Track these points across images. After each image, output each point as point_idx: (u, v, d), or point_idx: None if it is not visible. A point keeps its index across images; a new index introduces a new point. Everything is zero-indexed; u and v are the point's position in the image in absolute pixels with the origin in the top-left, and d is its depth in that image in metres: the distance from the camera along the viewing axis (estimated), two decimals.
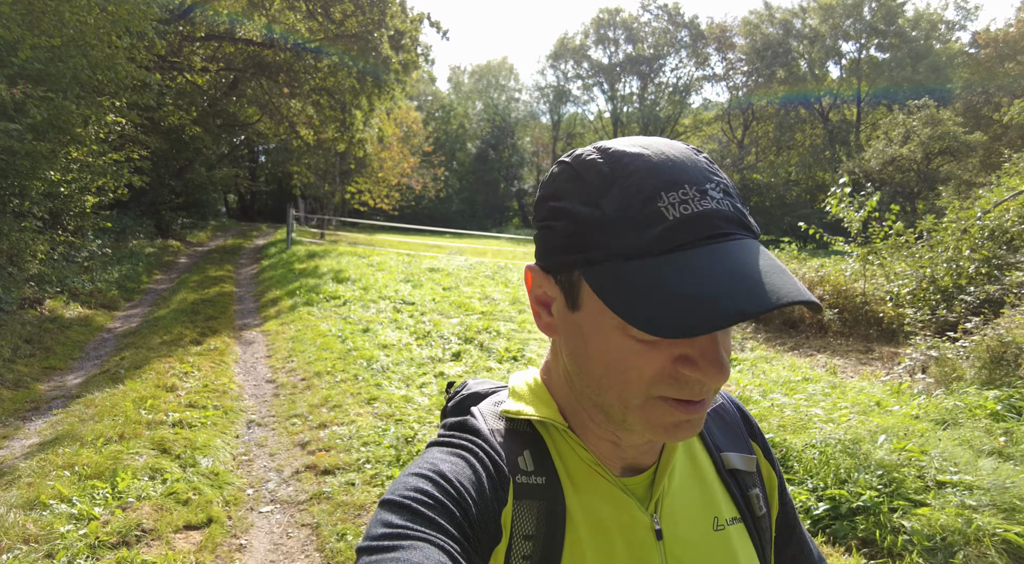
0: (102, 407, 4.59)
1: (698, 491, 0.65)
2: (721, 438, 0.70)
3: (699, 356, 0.50)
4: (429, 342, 6.59)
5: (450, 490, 0.53)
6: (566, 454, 0.61)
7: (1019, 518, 3.07)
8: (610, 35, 40.47)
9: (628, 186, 0.50)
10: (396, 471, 3.69)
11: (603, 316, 0.52)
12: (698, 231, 0.48)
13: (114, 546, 2.83)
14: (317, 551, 2.98)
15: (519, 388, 0.65)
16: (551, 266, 0.56)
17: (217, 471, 3.69)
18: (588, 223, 0.51)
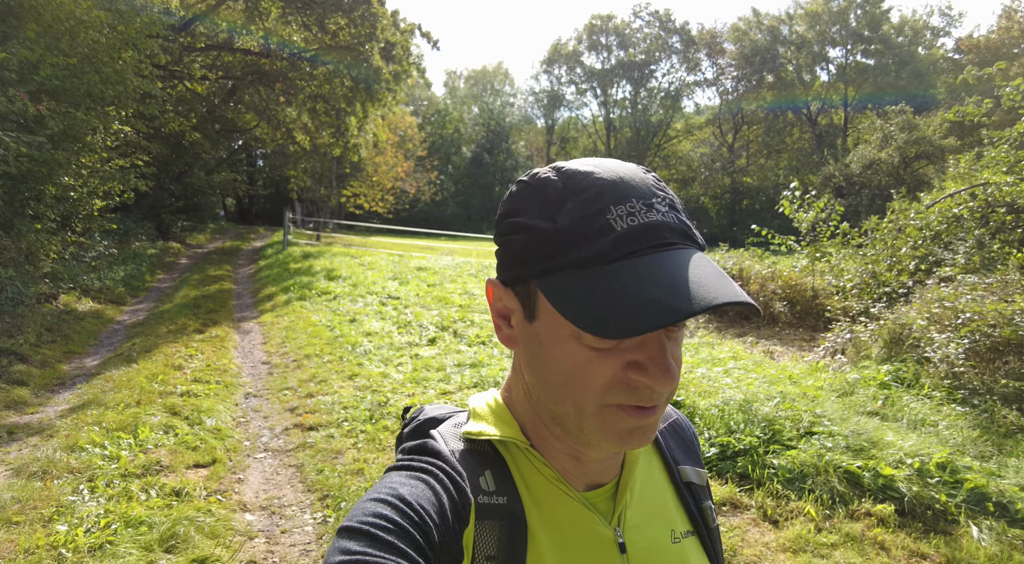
0: (120, 382, 5.35)
1: (657, 503, 0.67)
2: (678, 452, 0.73)
3: (648, 362, 0.52)
4: (409, 330, 7.36)
5: (410, 514, 0.53)
6: (528, 472, 0.62)
7: (862, 455, 3.85)
8: (603, 41, 41.39)
9: (581, 201, 0.53)
10: (369, 427, 4.47)
11: (558, 325, 0.54)
12: (644, 240, 0.52)
13: (139, 475, 3.59)
14: (300, 482, 3.74)
15: (480, 409, 0.66)
16: (510, 279, 0.58)
17: (219, 428, 4.46)
18: (544, 236, 0.54)
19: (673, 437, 0.74)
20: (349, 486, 3.58)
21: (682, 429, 0.76)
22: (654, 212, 0.53)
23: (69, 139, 8.34)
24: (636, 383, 0.53)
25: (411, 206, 38.88)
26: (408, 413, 0.73)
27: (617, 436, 0.55)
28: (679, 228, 0.54)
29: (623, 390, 0.53)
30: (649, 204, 0.54)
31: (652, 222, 0.53)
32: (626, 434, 0.55)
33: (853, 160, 24.41)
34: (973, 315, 4.85)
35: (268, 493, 3.61)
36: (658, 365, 0.52)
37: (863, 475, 3.69)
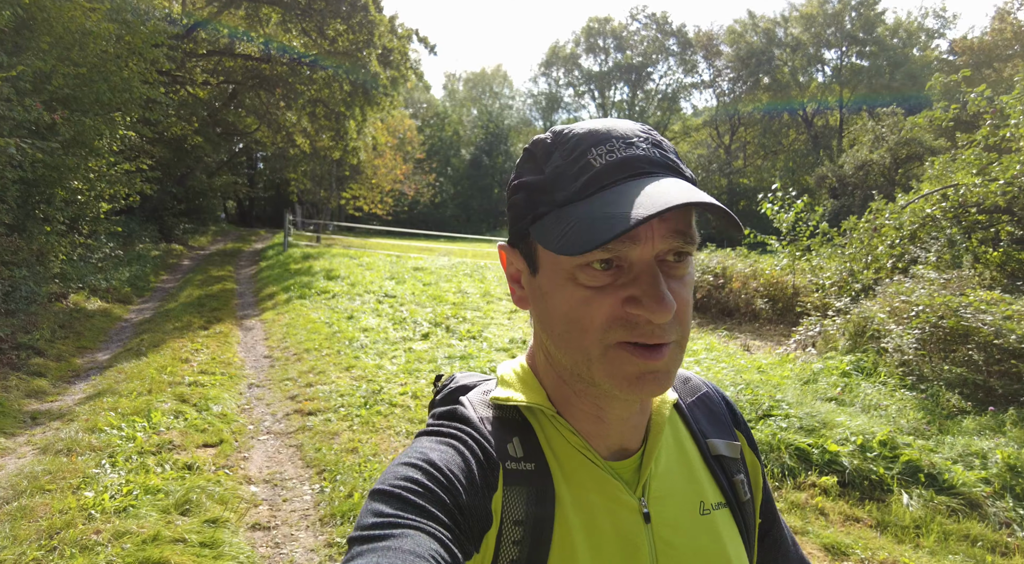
0: (131, 373, 5.74)
1: (685, 475, 0.67)
2: (707, 425, 0.72)
3: (642, 294, 0.53)
4: (403, 326, 7.75)
5: (439, 478, 0.54)
6: (555, 440, 0.62)
7: (814, 434, 4.24)
8: (600, 43, 41.84)
9: (565, 149, 0.57)
10: (364, 412, 4.85)
11: (556, 270, 0.57)
12: (622, 172, 0.54)
13: (154, 453, 3.98)
14: (300, 459, 4.13)
15: (507, 376, 0.67)
16: (514, 237, 0.62)
17: (225, 413, 4.85)
18: (535, 187, 0.58)
19: (701, 409, 0.74)
20: (344, 462, 3.96)
21: (711, 401, 0.76)
22: (634, 148, 0.55)
23: (78, 144, 8.74)
24: (633, 317, 0.53)
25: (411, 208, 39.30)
26: (440, 380, 0.74)
27: (627, 380, 0.54)
28: (660, 160, 0.55)
29: (622, 326, 0.54)
30: (629, 142, 0.55)
31: (630, 156, 0.54)
32: (635, 378, 0.54)
33: (846, 162, 24.80)
34: (925, 308, 5.23)
35: (271, 469, 4.00)
36: (651, 296, 0.52)
37: (812, 451, 4.08)
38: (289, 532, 3.24)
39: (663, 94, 41.28)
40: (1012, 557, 3.28)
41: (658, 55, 41.11)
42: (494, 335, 7.30)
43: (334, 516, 3.35)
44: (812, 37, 35.42)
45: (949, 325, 4.92)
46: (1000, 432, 4.24)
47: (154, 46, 9.46)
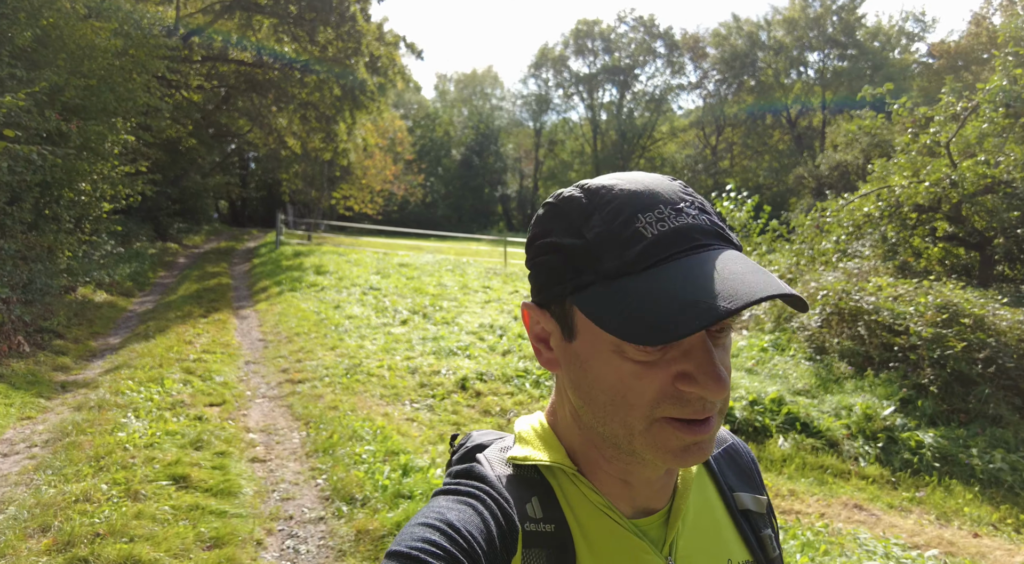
0: (142, 352, 6.62)
1: (711, 532, 0.65)
2: (734, 479, 0.71)
3: (696, 371, 0.51)
4: (385, 314, 8.65)
5: (458, 540, 0.53)
6: (575, 499, 0.61)
7: None
8: (588, 45, 42.82)
9: (607, 212, 0.54)
10: (345, 380, 5.75)
11: (598, 341, 0.54)
12: (677, 244, 0.52)
13: (169, 409, 4.86)
14: (290, 415, 5.03)
15: (525, 433, 0.66)
16: (545, 300, 0.59)
17: (227, 382, 5.74)
18: (574, 252, 0.54)
19: (728, 462, 0.73)
20: (327, 415, 4.86)
21: (738, 454, 0.75)
22: (684, 216, 0.53)
23: (87, 149, 9.59)
24: (686, 394, 0.52)
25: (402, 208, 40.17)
26: (456, 440, 0.73)
27: (672, 454, 0.53)
28: (711, 230, 0.54)
29: (672, 403, 0.52)
30: (678, 209, 0.54)
31: (682, 225, 0.53)
32: (681, 451, 0.53)
33: (822, 162, 25.84)
34: (828, 292, 6.17)
35: (266, 422, 4.89)
36: (707, 373, 0.51)
37: None
38: (281, 463, 4.14)
39: (650, 96, 42.31)
40: (849, 479, 4.22)
41: (645, 57, 42.13)
42: (466, 321, 8.20)
43: (317, 451, 4.24)
44: (794, 40, 36.51)
45: (841, 305, 5.86)
46: (868, 391, 5.18)
47: (157, 58, 10.32)
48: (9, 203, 7.92)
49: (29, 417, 4.72)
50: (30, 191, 7.85)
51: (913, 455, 4.45)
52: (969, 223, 9.45)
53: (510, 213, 48.99)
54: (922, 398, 5.00)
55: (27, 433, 4.40)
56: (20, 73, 7.76)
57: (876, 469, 4.43)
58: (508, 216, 48.62)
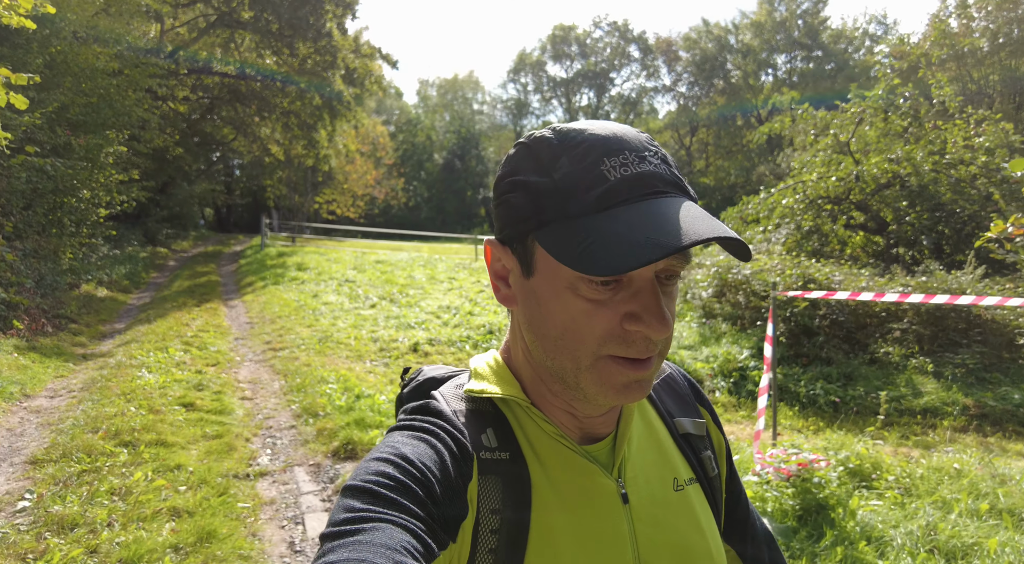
0: (146, 332, 7.88)
1: (656, 455, 0.70)
2: (672, 405, 0.76)
3: (643, 311, 0.54)
4: (357, 301, 9.95)
5: (412, 470, 0.55)
6: (529, 429, 0.64)
7: None
8: (565, 50, 44.37)
9: (575, 155, 0.56)
10: (317, 346, 7.05)
11: (555, 278, 0.57)
12: (637, 189, 0.54)
13: (175, 367, 6.14)
14: (272, 371, 6.32)
15: (481, 369, 0.69)
16: (508, 237, 0.61)
17: (220, 351, 7.02)
18: (540, 190, 0.56)
19: (666, 391, 0.77)
20: (300, 370, 6.15)
21: (675, 382, 0.79)
22: (646, 164, 0.56)
23: (87, 160, 10.83)
24: (632, 334, 0.55)
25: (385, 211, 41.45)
26: (407, 374, 0.76)
27: (614, 389, 0.56)
28: (671, 179, 0.57)
29: (619, 342, 0.55)
30: (642, 156, 0.56)
31: (644, 172, 0.55)
32: (623, 387, 0.56)
33: (782, 161, 27.44)
34: (717, 268, 7.56)
35: (252, 376, 6.19)
36: (653, 313, 0.54)
37: None
38: (264, 399, 5.44)
39: (626, 98, 43.90)
40: None
41: (620, 61, 43.74)
42: (427, 304, 9.53)
43: (291, 391, 5.55)
44: (762, 43, 38.24)
45: (725, 278, 7.25)
46: (735, 343, 6.56)
47: (149, 77, 11.58)
48: (24, 209, 9.15)
49: (62, 375, 6.00)
50: (43, 198, 9.10)
51: (756, 387, 5.83)
52: (874, 213, 10.90)
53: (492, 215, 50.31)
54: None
55: (64, 384, 5.68)
56: (32, 94, 9.00)
57: (727, 397, 5.79)
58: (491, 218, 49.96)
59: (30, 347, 6.70)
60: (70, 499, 3.22)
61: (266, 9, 16.11)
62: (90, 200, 12.23)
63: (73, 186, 10.47)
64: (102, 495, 3.28)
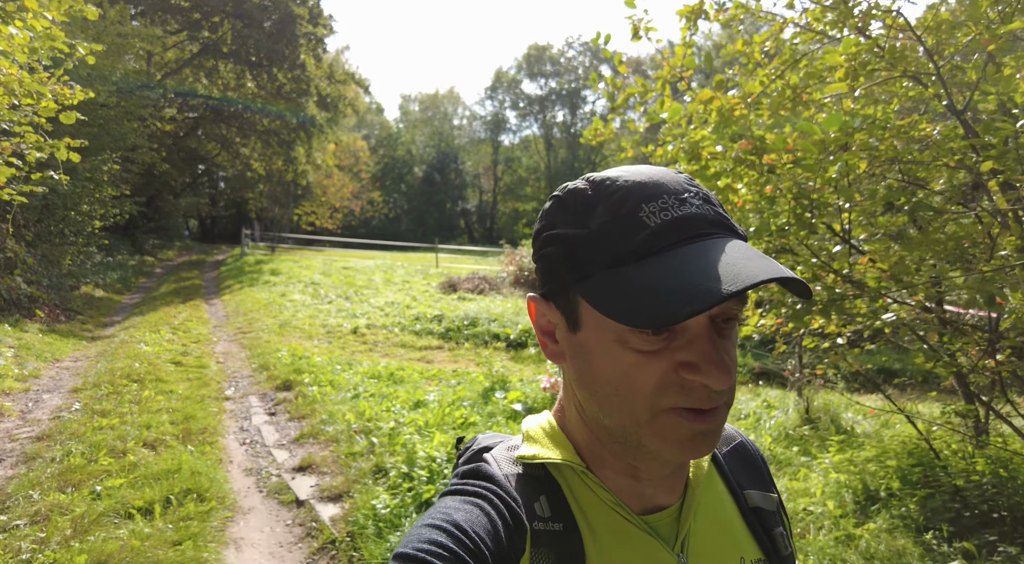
0: (141, 322, 9.88)
1: (723, 530, 0.66)
2: (743, 476, 0.73)
3: (700, 360, 0.52)
4: (318, 298, 12.00)
5: (465, 541, 0.53)
6: (584, 497, 0.62)
7: (504, 327, 8.62)
8: (539, 69, 46.88)
9: (611, 203, 0.55)
10: (277, 329, 9.08)
11: (602, 331, 0.55)
12: (680, 233, 0.53)
13: (166, 343, 8.17)
14: (241, 347, 8.36)
15: (533, 431, 0.67)
16: (550, 291, 0.60)
17: (201, 333, 9.05)
18: (578, 242, 0.56)
19: (737, 460, 0.74)
20: (263, 347, 8.17)
21: (747, 452, 0.76)
22: (688, 206, 0.54)
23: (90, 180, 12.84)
24: (689, 383, 0.53)
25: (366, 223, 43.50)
26: (462, 443, 0.74)
27: (678, 444, 0.54)
28: (715, 219, 0.55)
29: (677, 392, 0.53)
30: (682, 199, 0.55)
31: (686, 215, 0.54)
32: (687, 441, 0.54)
33: None
34: None
35: (226, 350, 8.22)
36: (710, 361, 0.52)
37: (501, 332, 8.47)
38: (233, 363, 7.48)
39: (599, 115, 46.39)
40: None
41: None
42: (375, 301, 11.60)
43: (254, 357, 7.58)
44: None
45: None
46: None
47: (142, 108, 13.65)
48: (37, 222, 11.15)
49: (80, 348, 8.01)
50: (53, 213, 11.11)
51: None
52: None
53: (472, 227, 52.55)
54: None
55: (83, 353, 7.69)
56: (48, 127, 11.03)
57: None
58: (470, 230, 52.18)
59: (50, 330, 8.69)
60: (104, 404, 5.25)
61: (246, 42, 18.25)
62: (87, 213, 14.24)
63: (76, 202, 12.47)
64: (124, 402, 5.32)
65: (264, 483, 4.02)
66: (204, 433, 4.73)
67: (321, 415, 5.11)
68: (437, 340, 8.75)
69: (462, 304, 11.18)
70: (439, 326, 9.26)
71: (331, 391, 5.80)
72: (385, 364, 7.15)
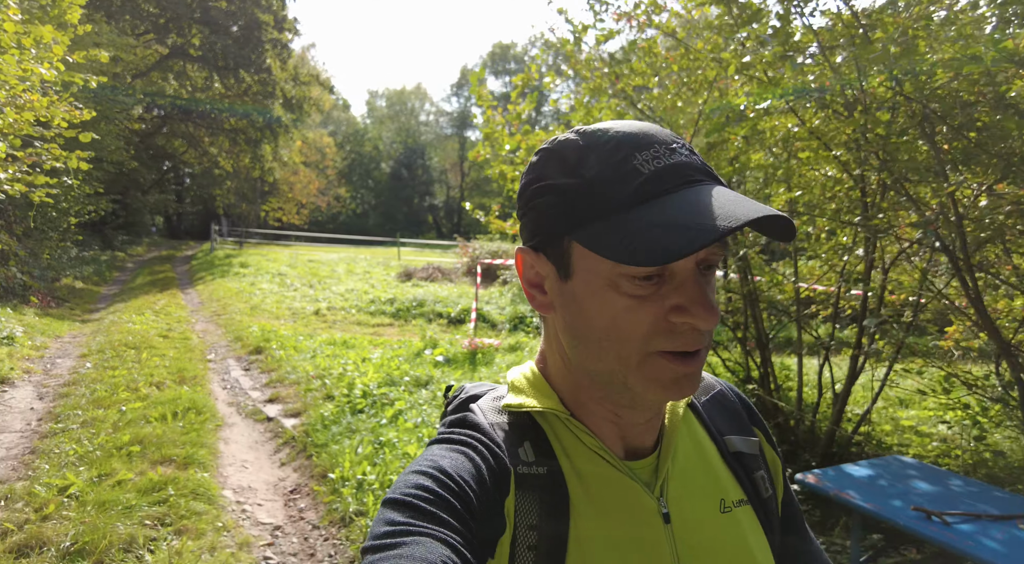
0: (125, 307, 11.18)
1: (703, 474, 0.69)
2: (722, 423, 0.76)
3: (689, 302, 0.55)
4: (284, 287, 13.39)
5: (450, 484, 0.56)
6: (568, 442, 0.65)
7: (449, 307, 10.20)
8: (504, 67, 48.37)
9: (604, 152, 0.57)
10: (248, 310, 10.50)
11: (595, 277, 0.58)
12: (672, 180, 0.55)
13: (152, 322, 9.53)
14: (218, 326, 9.77)
15: (518, 382, 0.70)
16: (540, 242, 0.62)
17: (180, 316, 10.42)
18: (571, 191, 0.57)
19: (716, 407, 0.78)
20: (238, 325, 9.59)
21: (726, 398, 0.79)
22: (677, 155, 0.57)
23: None
24: (679, 326, 0.56)
25: (334, 218, 44.58)
26: (450, 392, 0.77)
27: (662, 386, 0.57)
28: (703, 168, 0.58)
29: (666, 336, 0.56)
30: (672, 149, 0.57)
31: (677, 162, 0.56)
32: (672, 383, 0.57)
33: None
34: None
35: (204, 328, 9.62)
36: (699, 303, 0.55)
37: (444, 312, 10.05)
38: (211, 337, 8.90)
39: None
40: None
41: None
42: (337, 289, 13.05)
43: (229, 333, 9.01)
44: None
45: None
46: None
47: (116, 112, 14.81)
48: (24, 217, 12.32)
49: (75, 328, 9.33)
50: (46, 211, 12.29)
51: None
52: None
53: (439, 222, 53.93)
54: None
55: (78, 333, 9.03)
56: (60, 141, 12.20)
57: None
58: (438, 225, 53.55)
59: (45, 314, 9.97)
60: (111, 363, 6.67)
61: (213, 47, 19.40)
62: (64, 210, 15.36)
63: (57, 199, 13.62)
64: (127, 361, 6.74)
65: (242, 409, 5.54)
66: (195, 379, 6.20)
67: (286, 368, 6.62)
68: (388, 319, 10.28)
69: (414, 289, 12.71)
70: (391, 307, 10.78)
71: (295, 353, 7.30)
72: (341, 336, 8.65)
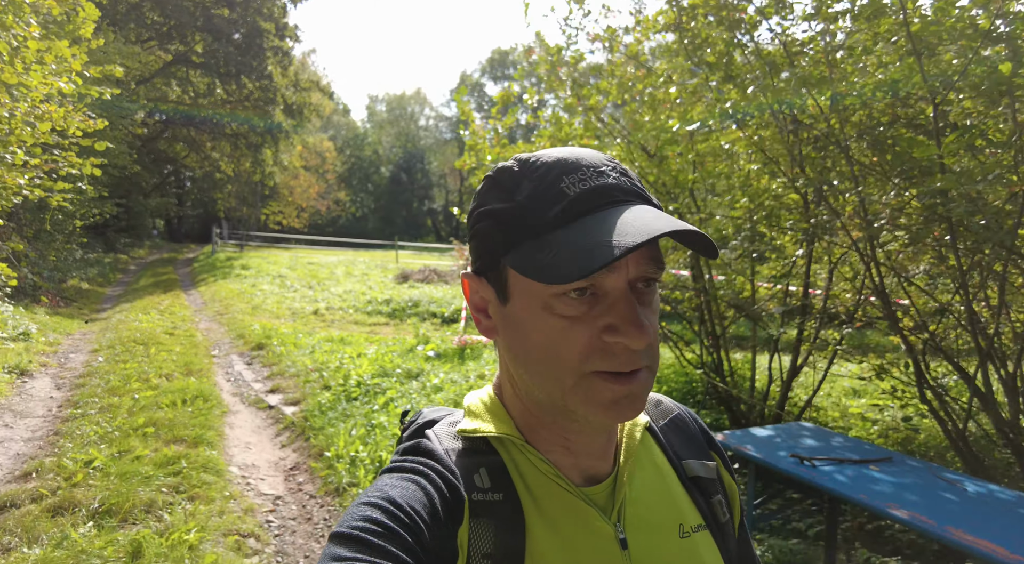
0: (131, 307, 11.63)
1: (662, 498, 0.69)
2: (681, 447, 0.76)
3: (619, 321, 0.56)
4: (284, 288, 13.84)
5: (400, 516, 0.55)
6: (524, 468, 0.65)
7: (443, 307, 10.64)
8: (502, 72, 48.93)
9: (535, 177, 0.60)
10: (250, 310, 10.95)
11: (530, 299, 0.59)
12: (596, 201, 0.57)
13: (158, 321, 9.98)
14: (220, 325, 10.21)
15: (474, 406, 0.70)
16: (482, 267, 0.64)
17: (184, 316, 10.87)
18: (506, 215, 0.60)
19: (674, 431, 0.78)
20: (239, 324, 10.03)
21: (684, 423, 0.80)
22: (604, 177, 0.58)
23: None
24: (611, 346, 0.56)
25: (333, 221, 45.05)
26: (407, 416, 0.77)
27: (602, 407, 0.57)
28: (631, 189, 0.59)
29: (600, 356, 0.56)
30: (600, 172, 0.59)
31: (602, 184, 0.58)
32: (611, 404, 0.57)
33: None
34: None
35: (207, 327, 10.06)
36: (629, 322, 0.55)
37: (438, 311, 10.49)
38: (215, 335, 9.35)
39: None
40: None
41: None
42: (335, 290, 13.50)
43: (231, 331, 9.45)
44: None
45: None
46: None
47: (121, 118, 15.28)
48: (32, 220, 12.78)
49: (85, 326, 9.77)
50: (48, 213, 12.76)
51: None
52: None
53: (438, 225, 54.40)
54: None
55: (87, 331, 9.47)
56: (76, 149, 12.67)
57: None
58: (437, 229, 54.02)
59: (55, 313, 10.42)
60: (122, 357, 7.11)
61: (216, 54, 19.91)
62: (70, 213, 15.82)
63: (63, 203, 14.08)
64: (136, 356, 7.19)
65: (246, 398, 5.98)
66: (201, 372, 6.65)
67: (286, 362, 7.06)
68: (384, 318, 10.72)
69: (410, 291, 13.16)
70: (387, 307, 11.23)
71: (295, 349, 7.74)
72: (339, 334, 9.09)
